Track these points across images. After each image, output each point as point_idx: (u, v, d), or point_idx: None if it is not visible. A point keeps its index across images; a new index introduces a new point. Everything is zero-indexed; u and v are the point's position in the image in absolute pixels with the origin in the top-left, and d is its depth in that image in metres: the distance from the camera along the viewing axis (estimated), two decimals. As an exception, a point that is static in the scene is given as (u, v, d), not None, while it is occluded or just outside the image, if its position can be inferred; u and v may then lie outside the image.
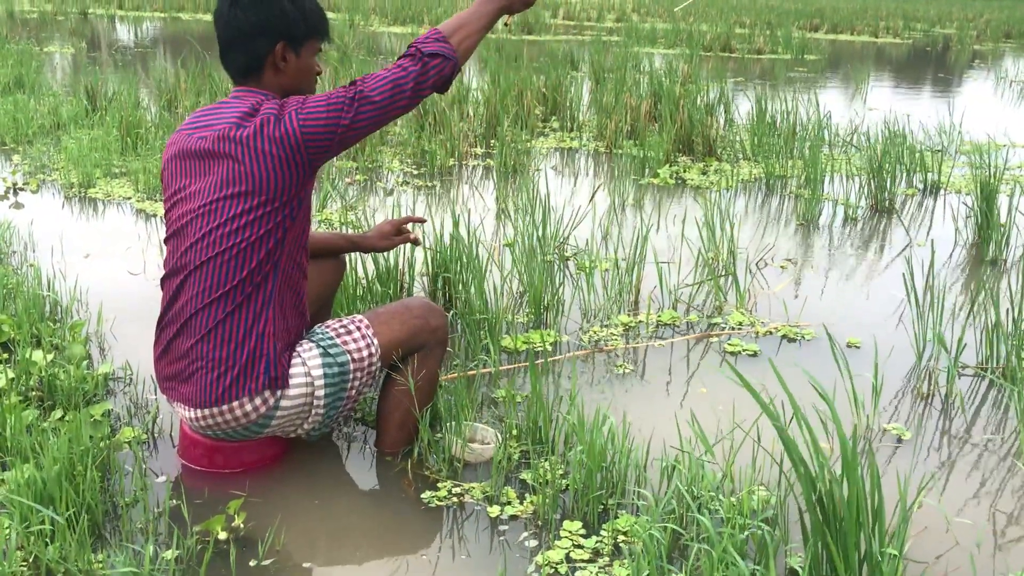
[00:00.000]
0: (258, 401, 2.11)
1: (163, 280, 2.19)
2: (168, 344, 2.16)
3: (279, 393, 2.13)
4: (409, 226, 3.16)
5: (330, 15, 18.72)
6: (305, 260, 2.21)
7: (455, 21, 2.22)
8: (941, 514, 2.14)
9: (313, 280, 2.50)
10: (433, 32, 2.19)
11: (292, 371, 2.16)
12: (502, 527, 2.07)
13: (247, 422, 2.14)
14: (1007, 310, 3.04)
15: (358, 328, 2.25)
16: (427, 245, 3.25)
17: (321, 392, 2.17)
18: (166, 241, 2.18)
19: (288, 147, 2.04)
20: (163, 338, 2.18)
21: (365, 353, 2.22)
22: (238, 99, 2.16)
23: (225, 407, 2.11)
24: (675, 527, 1.91)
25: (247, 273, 2.06)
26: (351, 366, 2.20)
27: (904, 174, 5.39)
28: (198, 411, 2.13)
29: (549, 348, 3.02)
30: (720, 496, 1.95)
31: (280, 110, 2.07)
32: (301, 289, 2.21)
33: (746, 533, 1.83)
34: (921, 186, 5.38)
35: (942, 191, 5.31)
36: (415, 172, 5.48)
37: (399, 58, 2.18)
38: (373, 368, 2.24)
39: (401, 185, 5.16)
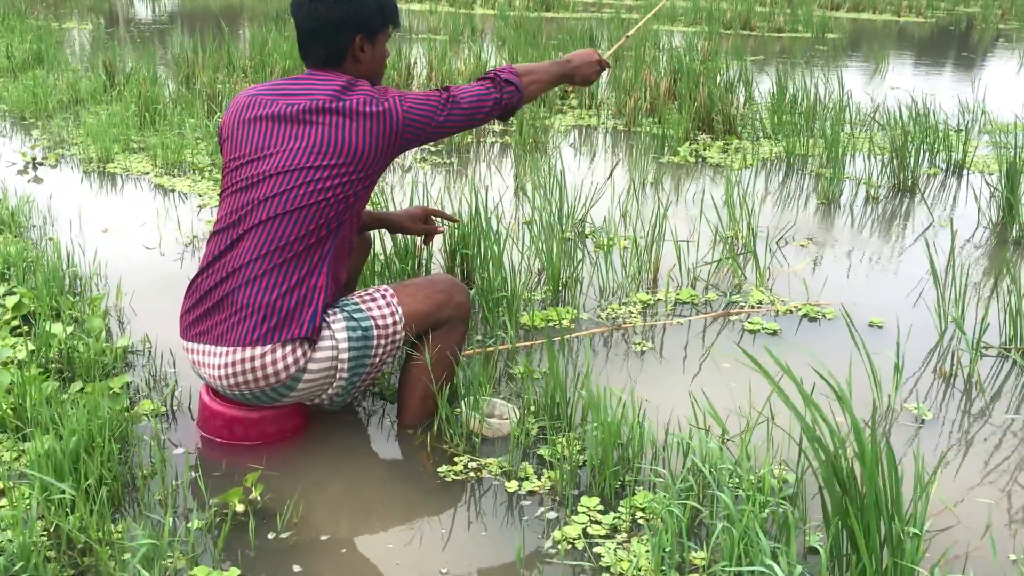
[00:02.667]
0: (291, 357, 2.11)
1: (214, 233, 2.21)
2: (209, 290, 2.17)
3: (309, 354, 2.13)
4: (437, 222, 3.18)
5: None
6: (354, 238, 2.28)
7: (528, 67, 2.47)
8: (961, 493, 2.13)
9: None
10: (509, 67, 2.43)
11: (320, 334, 2.16)
12: (519, 502, 2.07)
13: (275, 382, 2.14)
14: (1031, 290, 3.00)
15: (383, 296, 2.26)
16: (444, 223, 3.23)
17: (345, 356, 2.18)
18: (226, 196, 2.21)
19: (387, 125, 2.15)
20: (203, 285, 2.19)
21: (389, 320, 2.22)
22: (326, 76, 2.21)
23: (259, 350, 2.10)
24: (695, 504, 1.90)
25: (314, 228, 2.12)
26: (375, 332, 2.20)
27: (927, 153, 5.33)
28: (232, 353, 2.12)
29: (568, 325, 3.01)
30: (738, 474, 1.94)
31: (381, 94, 2.18)
32: (344, 263, 2.26)
33: (766, 511, 1.82)
34: (944, 166, 5.31)
35: (965, 171, 5.24)
36: (432, 149, 5.46)
37: (479, 79, 2.39)
38: (397, 336, 2.25)
39: (419, 162, 5.14)
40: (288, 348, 2.11)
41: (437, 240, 3.45)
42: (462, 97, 2.29)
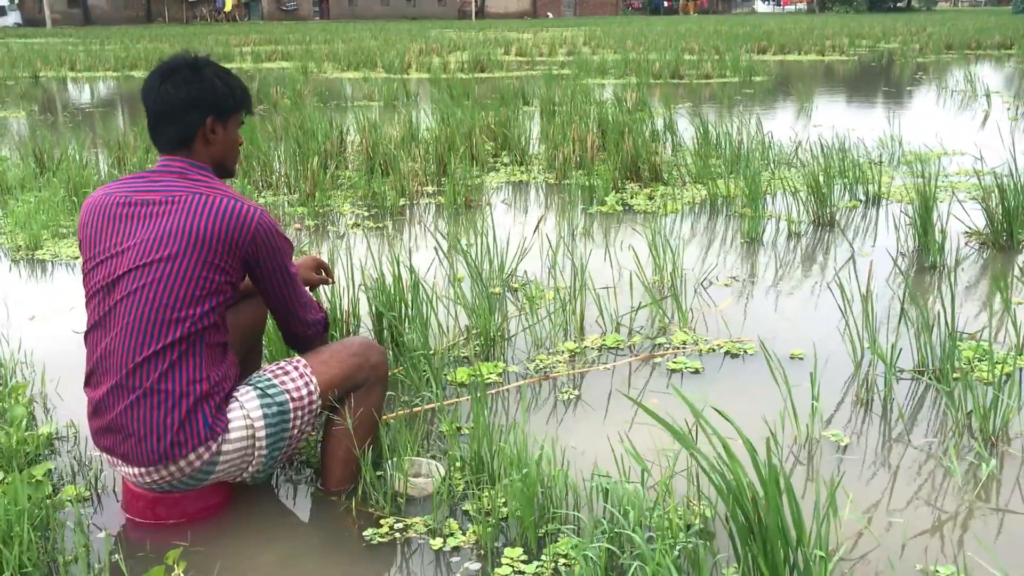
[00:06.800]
0: (200, 451, 2.12)
1: (87, 335, 2.20)
2: (98, 404, 2.16)
3: (220, 439, 2.14)
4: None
5: (284, 64, 18.83)
6: (227, 340, 2.25)
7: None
8: (878, 514, 2.18)
9: (238, 321, 2.49)
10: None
11: (231, 415, 2.17)
12: (446, 559, 2.08)
13: (191, 471, 2.15)
14: (938, 313, 3.10)
15: (295, 368, 2.27)
16: (370, 285, 3.27)
17: (262, 433, 2.19)
18: (88, 300, 2.18)
19: (238, 231, 2.12)
20: (93, 397, 2.18)
21: (304, 392, 2.24)
22: (179, 167, 2.21)
23: (163, 468, 2.13)
24: (610, 546, 1.93)
25: (180, 335, 2.08)
26: (291, 405, 2.21)
27: (846, 187, 5.50)
28: (139, 468, 2.15)
29: (497, 378, 3.04)
30: (654, 514, 1.98)
31: (241, 198, 2.16)
32: (228, 360, 2.24)
33: (678, 548, 1.86)
34: (864, 198, 5.48)
35: (884, 201, 5.41)
36: (366, 214, 5.51)
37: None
38: (314, 407, 2.26)
39: (352, 228, 5.18)
40: (193, 454, 2.12)
41: (362, 304, 3.47)
42: (316, 313, 2.35)
